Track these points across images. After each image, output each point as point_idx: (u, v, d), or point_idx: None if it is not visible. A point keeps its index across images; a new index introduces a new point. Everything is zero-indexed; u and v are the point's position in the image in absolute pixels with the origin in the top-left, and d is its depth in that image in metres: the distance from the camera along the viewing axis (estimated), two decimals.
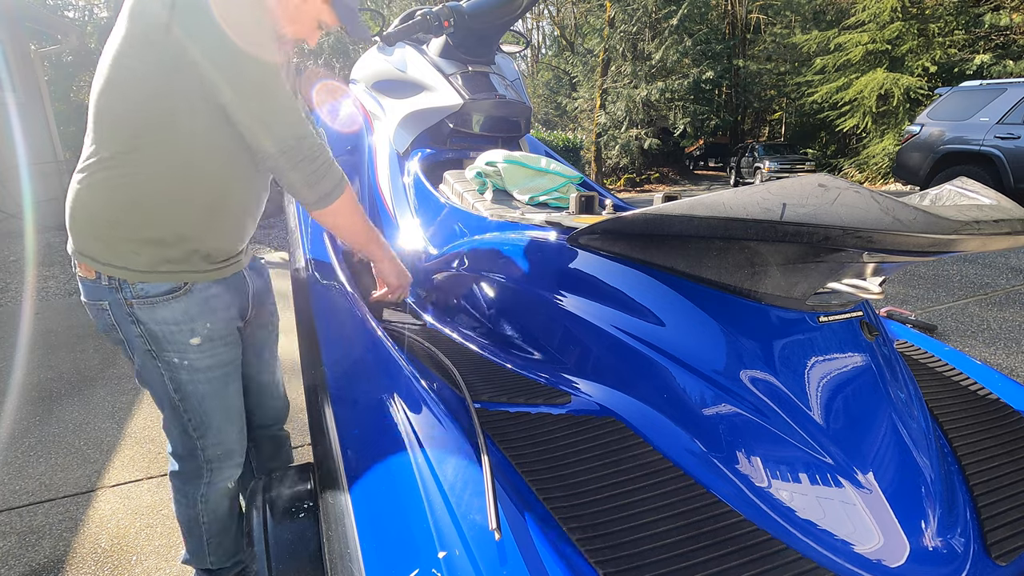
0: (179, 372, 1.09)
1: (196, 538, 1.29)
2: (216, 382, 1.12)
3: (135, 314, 1.03)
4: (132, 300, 1.02)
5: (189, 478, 1.21)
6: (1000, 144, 6.31)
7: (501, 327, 1.11)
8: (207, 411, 1.13)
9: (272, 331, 1.32)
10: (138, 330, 1.05)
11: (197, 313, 1.07)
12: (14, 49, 7.76)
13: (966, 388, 0.99)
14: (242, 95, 0.94)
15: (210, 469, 1.19)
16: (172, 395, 1.11)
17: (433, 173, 1.76)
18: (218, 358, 1.12)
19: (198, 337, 1.07)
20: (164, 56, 0.92)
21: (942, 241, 0.55)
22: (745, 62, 20.28)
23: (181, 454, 1.20)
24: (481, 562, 0.54)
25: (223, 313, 1.11)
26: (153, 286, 1.03)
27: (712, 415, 0.75)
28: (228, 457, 1.20)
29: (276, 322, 1.33)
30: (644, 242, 0.87)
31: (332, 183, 1.03)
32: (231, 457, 1.21)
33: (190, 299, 1.05)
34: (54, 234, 6.92)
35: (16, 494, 2.01)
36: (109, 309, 1.04)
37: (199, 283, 1.07)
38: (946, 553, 0.66)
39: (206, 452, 1.17)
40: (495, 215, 1.35)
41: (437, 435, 0.71)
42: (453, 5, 1.71)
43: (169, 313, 1.04)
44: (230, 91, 0.93)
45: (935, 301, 3.84)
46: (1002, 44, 12.63)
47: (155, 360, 1.08)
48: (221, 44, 0.91)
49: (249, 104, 0.94)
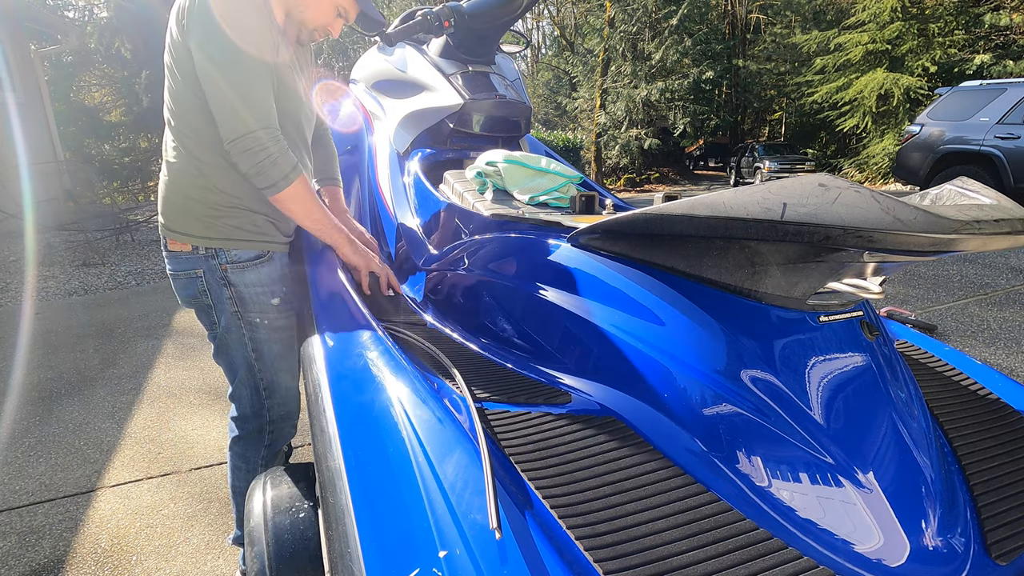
0: (259, 331, 1.24)
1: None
2: (286, 343, 1.28)
3: (228, 277, 1.20)
4: (227, 264, 1.19)
5: (251, 442, 1.34)
6: (1000, 144, 6.31)
7: (501, 327, 1.11)
8: (278, 370, 1.28)
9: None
10: (229, 292, 1.21)
11: (278, 277, 1.25)
12: (14, 49, 7.76)
13: (966, 388, 0.99)
14: (209, 86, 1.06)
15: (271, 431, 1.33)
16: (250, 354, 1.25)
17: (433, 173, 1.76)
18: (289, 320, 1.28)
19: (278, 298, 1.24)
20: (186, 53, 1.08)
21: (942, 241, 0.55)
22: (745, 62, 20.28)
23: (248, 414, 1.32)
24: (482, 561, 0.54)
25: (290, 282, 1.28)
26: (244, 252, 1.20)
27: (712, 415, 0.75)
28: (288, 418, 1.35)
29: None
30: (644, 242, 0.87)
31: (279, 174, 1.11)
32: (290, 418, 1.35)
33: (272, 265, 1.23)
34: (54, 234, 6.92)
35: (16, 494, 2.01)
36: (203, 276, 1.20)
37: (277, 252, 1.25)
38: (946, 553, 0.66)
39: (271, 412, 1.31)
40: (495, 215, 1.35)
41: (437, 434, 0.71)
42: (453, 5, 1.71)
43: (256, 276, 1.21)
44: (203, 82, 1.07)
45: (935, 301, 3.84)
46: (1002, 44, 12.63)
47: (239, 320, 1.23)
48: (204, 37, 1.04)
49: (211, 96, 1.07)
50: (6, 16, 7.50)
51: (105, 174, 9.77)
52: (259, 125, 1.07)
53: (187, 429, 2.45)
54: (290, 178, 1.12)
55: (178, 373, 3.04)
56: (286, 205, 1.15)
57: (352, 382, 0.90)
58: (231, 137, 1.07)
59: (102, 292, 4.88)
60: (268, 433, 1.32)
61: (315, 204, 1.19)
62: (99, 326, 3.90)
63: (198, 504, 1.92)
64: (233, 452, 1.37)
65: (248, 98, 1.06)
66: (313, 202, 1.19)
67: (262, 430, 1.32)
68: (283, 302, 1.25)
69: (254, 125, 1.07)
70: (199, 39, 1.04)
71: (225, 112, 1.06)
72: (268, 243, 1.22)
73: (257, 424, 1.32)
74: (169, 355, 3.31)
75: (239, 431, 1.34)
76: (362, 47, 14.62)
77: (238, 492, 1.39)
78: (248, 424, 1.32)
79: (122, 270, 5.54)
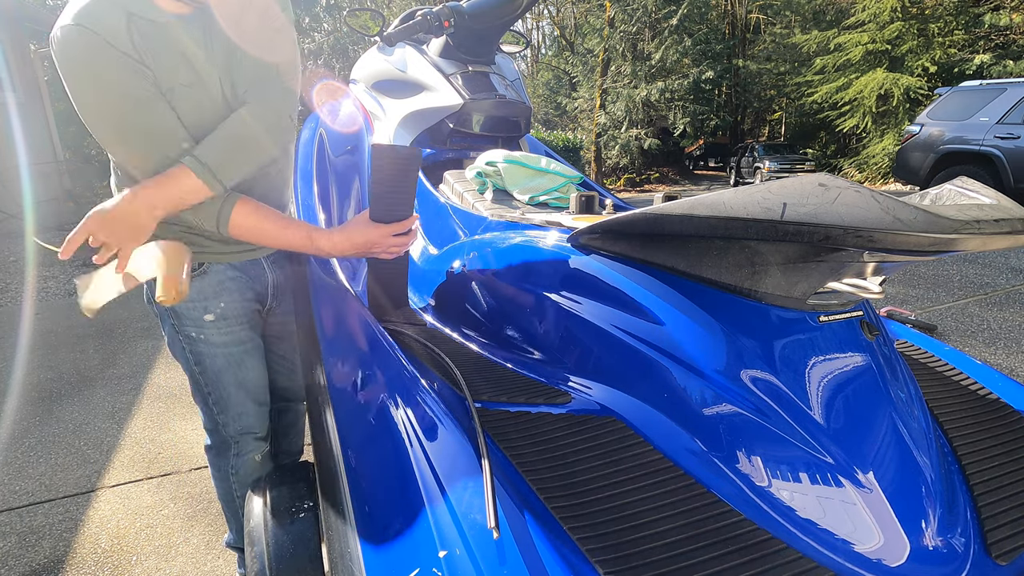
0: (197, 345, 1.18)
1: (234, 514, 1.38)
2: (231, 358, 1.21)
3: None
4: None
5: (220, 451, 1.31)
6: (1000, 144, 6.31)
7: (501, 327, 1.11)
8: (224, 385, 1.22)
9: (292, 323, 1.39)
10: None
11: (212, 293, 1.16)
12: (14, 49, 7.76)
13: (966, 388, 0.99)
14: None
15: (235, 442, 1.28)
16: (193, 367, 1.21)
17: (433, 173, 1.76)
18: (233, 336, 1.20)
19: (211, 314, 1.16)
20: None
21: (942, 240, 0.55)
22: (745, 62, 20.28)
23: (209, 427, 1.30)
24: (482, 562, 0.54)
25: (238, 295, 1.19)
26: None
27: (712, 414, 0.75)
28: (248, 432, 1.27)
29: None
30: (644, 242, 0.87)
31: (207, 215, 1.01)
32: (251, 431, 1.28)
33: (205, 280, 1.14)
34: (54, 234, 6.92)
35: (16, 494, 2.01)
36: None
37: (215, 265, 1.15)
38: (946, 552, 0.66)
39: (227, 428, 1.26)
40: (495, 215, 1.35)
41: (437, 434, 0.71)
42: (453, 5, 1.71)
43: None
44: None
45: (935, 301, 3.84)
46: (1002, 44, 12.64)
47: (177, 333, 1.18)
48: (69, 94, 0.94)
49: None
50: (6, 16, 7.50)
51: (105, 174, 9.73)
52: (158, 168, 0.96)
53: (187, 429, 2.45)
54: (223, 218, 1.01)
55: (178, 373, 3.04)
56: (236, 236, 1.05)
57: (352, 382, 0.90)
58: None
59: None
60: (234, 443, 1.28)
61: (267, 232, 1.06)
62: (99, 326, 3.90)
63: (198, 504, 1.92)
64: (208, 459, 1.36)
65: (135, 148, 0.96)
66: (262, 229, 1.05)
67: (226, 442, 1.29)
68: (220, 318, 1.17)
69: (151, 171, 0.96)
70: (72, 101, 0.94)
71: (130, 168, 0.99)
72: (197, 254, 1.11)
73: (219, 436, 1.29)
74: (169, 355, 3.31)
75: (208, 440, 1.33)
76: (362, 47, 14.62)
77: (222, 498, 1.38)
78: (212, 435, 1.31)
79: None
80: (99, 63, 0.90)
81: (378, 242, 1.07)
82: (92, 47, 0.89)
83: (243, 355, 1.22)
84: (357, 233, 1.06)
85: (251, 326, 1.24)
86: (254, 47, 1.05)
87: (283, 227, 1.06)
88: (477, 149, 1.80)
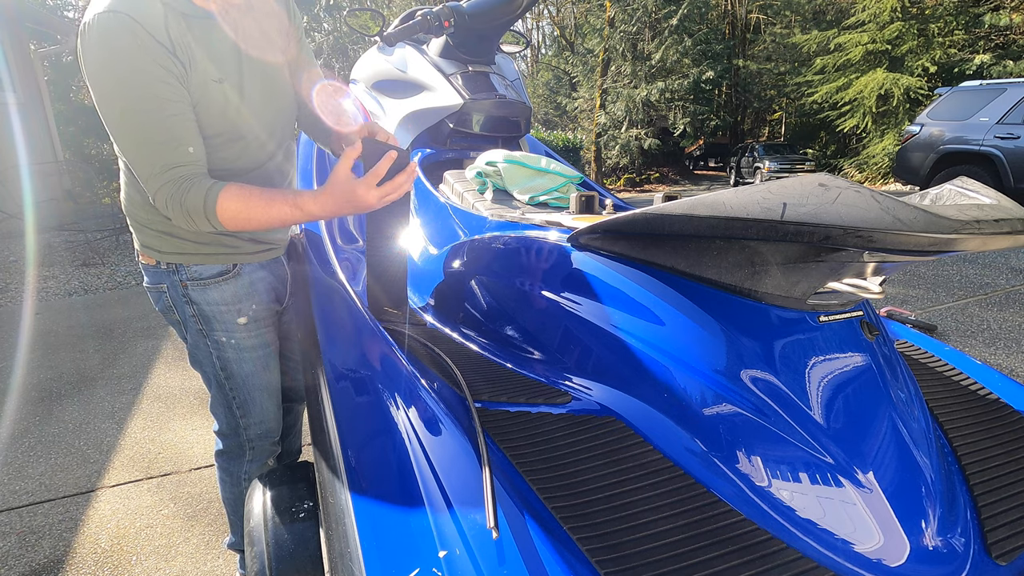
0: (226, 351, 1.16)
1: (239, 517, 1.36)
2: (259, 362, 1.20)
3: (189, 295, 1.12)
4: (187, 281, 1.11)
5: (233, 456, 1.30)
6: (1000, 144, 6.31)
7: (501, 327, 1.11)
8: (250, 389, 1.21)
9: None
10: (192, 310, 1.13)
11: (244, 294, 1.15)
12: (14, 49, 7.77)
13: (966, 388, 0.99)
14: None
15: (252, 447, 1.28)
16: (219, 373, 1.19)
17: (433, 173, 1.76)
18: (261, 338, 1.20)
19: (244, 317, 1.16)
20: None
21: (942, 240, 0.55)
22: (745, 62, 20.28)
23: (226, 432, 1.28)
24: (481, 562, 0.54)
25: (265, 296, 1.19)
26: (206, 268, 1.10)
27: (712, 415, 0.75)
28: (268, 435, 1.28)
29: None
30: (644, 242, 0.87)
31: (195, 213, 0.95)
32: (270, 435, 1.29)
33: (238, 281, 1.14)
34: (54, 234, 6.92)
35: (16, 494, 2.01)
36: (167, 291, 1.13)
37: (247, 265, 1.15)
38: (946, 552, 0.66)
39: (248, 431, 1.25)
40: (495, 215, 1.35)
41: (437, 435, 0.71)
42: (453, 5, 1.71)
43: (218, 294, 1.12)
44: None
45: (935, 301, 3.84)
46: (1002, 44, 12.64)
47: (205, 339, 1.16)
48: (90, 89, 0.92)
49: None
50: (6, 16, 7.51)
51: (105, 174, 9.75)
52: (153, 171, 0.93)
53: (187, 429, 2.45)
54: (209, 208, 0.94)
55: (178, 373, 3.04)
56: (232, 227, 0.99)
57: (352, 382, 0.90)
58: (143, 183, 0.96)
59: (102, 292, 4.88)
60: (249, 450, 1.28)
61: (254, 209, 0.98)
62: (99, 326, 3.90)
63: (198, 504, 1.92)
64: (218, 464, 1.34)
65: (141, 146, 0.93)
66: (249, 209, 0.97)
67: (242, 447, 1.28)
68: (252, 320, 1.16)
69: (145, 173, 0.94)
70: (90, 88, 0.92)
71: (128, 161, 0.96)
72: (231, 255, 1.11)
73: (236, 441, 1.28)
74: (169, 355, 3.31)
75: (221, 445, 1.31)
76: (362, 47, 14.62)
77: (228, 502, 1.37)
78: (228, 440, 1.29)
79: (122, 270, 5.54)
80: (136, 50, 0.87)
81: (363, 194, 0.97)
82: (132, 33, 0.87)
83: (267, 358, 1.22)
84: (337, 187, 0.98)
85: (274, 327, 1.24)
86: (261, 49, 1.07)
87: (268, 201, 0.98)
88: (477, 149, 1.80)
